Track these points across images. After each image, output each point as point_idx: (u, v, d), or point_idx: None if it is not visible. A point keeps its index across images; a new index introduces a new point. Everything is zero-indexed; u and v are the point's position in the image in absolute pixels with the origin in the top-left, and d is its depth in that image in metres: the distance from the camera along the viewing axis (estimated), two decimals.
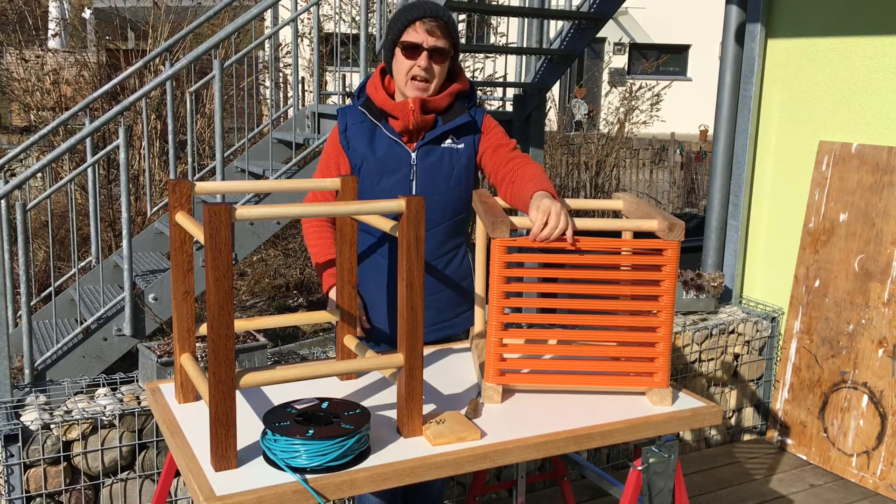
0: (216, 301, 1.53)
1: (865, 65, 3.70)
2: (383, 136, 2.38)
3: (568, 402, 2.01)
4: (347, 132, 2.42)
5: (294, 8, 4.94)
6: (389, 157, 2.37)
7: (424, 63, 2.28)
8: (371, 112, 2.39)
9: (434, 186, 2.36)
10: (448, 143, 2.38)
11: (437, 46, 2.28)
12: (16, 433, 2.58)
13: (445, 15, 2.31)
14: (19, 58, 8.76)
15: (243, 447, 1.72)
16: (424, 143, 2.36)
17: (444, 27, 2.29)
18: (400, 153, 2.37)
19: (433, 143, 2.37)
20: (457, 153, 2.38)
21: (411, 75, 2.30)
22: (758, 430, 4.15)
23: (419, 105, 2.31)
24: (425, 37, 2.27)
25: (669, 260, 1.93)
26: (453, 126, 2.37)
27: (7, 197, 3.52)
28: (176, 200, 1.85)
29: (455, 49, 2.35)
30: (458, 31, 2.36)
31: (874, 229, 3.63)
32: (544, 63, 5.11)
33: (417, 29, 2.28)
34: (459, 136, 2.40)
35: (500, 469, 3.40)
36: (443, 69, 2.32)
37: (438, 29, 2.28)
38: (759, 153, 4.16)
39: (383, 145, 2.37)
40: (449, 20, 2.32)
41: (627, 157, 11.07)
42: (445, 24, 2.30)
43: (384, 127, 2.38)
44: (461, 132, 2.40)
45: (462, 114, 2.38)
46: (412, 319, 1.72)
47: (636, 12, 22.13)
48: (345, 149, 2.42)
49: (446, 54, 2.32)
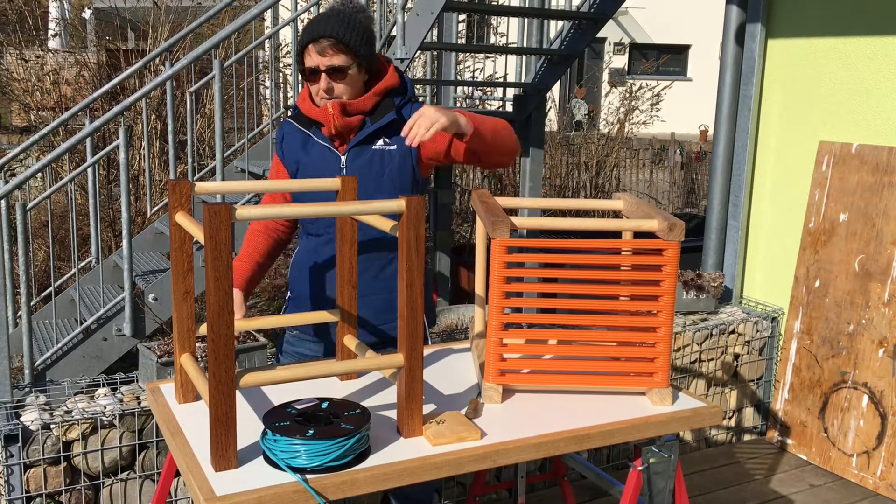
0: (216, 301, 1.53)
1: (866, 65, 3.70)
2: (315, 143, 2.40)
3: (568, 402, 2.01)
4: (283, 143, 2.45)
5: (294, 8, 4.94)
6: (320, 163, 2.38)
7: (325, 84, 2.28)
8: (301, 122, 2.42)
9: (364, 188, 2.34)
10: (380, 143, 2.36)
11: (333, 65, 2.27)
12: (16, 433, 2.58)
13: (335, 31, 2.26)
14: (19, 58, 8.76)
15: (243, 447, 1.72)
16: (353, 146, 2.35)
17: (335, 44, 2.25)
18: (330, 157, 2.37)
19: (362, 144, 2.35)
20: (389, 154, 2.36)
21: (319, 96, 2.33)
22: (758, 431, 4.14)
23: (339, 109, 2.30)
24: (318, 59, 2.27)
25: (669, 260, 1.93)
26: (380, 126, 2.34)
27: (7, 197, 3.52)
28: (176, 200, 1.86)
29: (359, 56, 2.30)
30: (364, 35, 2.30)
31: (874, 229, 3.62)
32: (544, 63, 5.11)
33: (311, 53, 2.28)
34: (392, 136, 2.37)
35: (500, 469, 3.40)
36: (349, 83, 2.30)
37: (331, 47, 2.25)
38: (760, 153, 4.16)
39: (315, 151, 2.39)
40: (339, 34, 2.26)
41: (627, 157, 11.07)
42: (337, 40, 2.25)
43: (315, 134, 2.40)
44: (394, 132, 2.37)
45: (389, 112, 2.34)
46: (412, 319, 1.72)
47: (636, 12, 22.13)
48: (282, 160, 2.45)
49: (345, 70, 2.28)
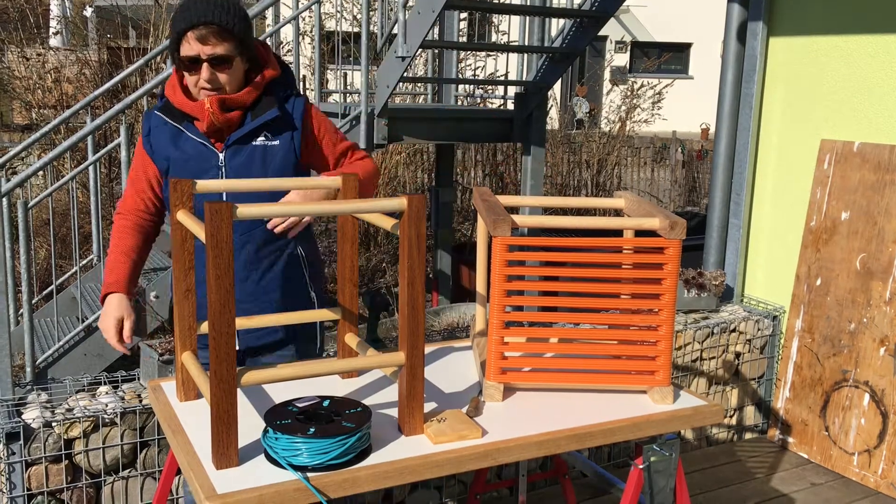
0: (217, 299, 1.53)
1: (867, 63, 3.70)
2: (188, 139, 2.23)
3: (569, 400, 2.01)
4: (150, 136, 2.26)
5: (295, 6, 4.94)
6: (195, 160, 2.22)
7: (207, 75, 2.11)
8: (171, 115, 2.23)
9: None
10: (261, 140, 2.21)
11: (216, 54, 2.09)
12: (17, 431, 2.58)
13: (217, 16, 2.08)
14: (21, 56, 8.76)
15: (245, 445, 1.72)
16: (232, 143, 2.20)
17: (218, 31, 2.08)
18: (206, 154, 2.21)
19: (242, 141, 2.21)
20: (271, 150, 2.22)
21: (199, 87, 2.15)
22: (759, 429, 4.14)
23: (217, 104, 2.14)
24: (200, 47, 2.08)
25: (671, 258, 1.93)
26: (262, 122, 2.20)
27: (9, 195, 3.52)
28: (177, 199, 1.86)
29: (243, 44, 2.14)
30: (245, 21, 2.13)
31: (876, 228, 3.62)
32: (546, 61, 5.10)
33: (190, 40, 2.09)
34: (274, 132, 2.23)
35: (501, 467, 3.40)
36: (231, 73, 2.15)
37: (213, 35, 2.07)
38: (761, 151, 4.16)
39: (189, 148, 2.22)
40: (223, 20, 2.08)
41: (629, 155, 11.06)
42: (220, 26, 2.07)
43: (188, 129, 2.22)
44: (276, 127, 2.23)
45: (271, 108, 2.21)
46: (413, 318, 1.72)
47: (638, 10, 22.10)
48: (149, 154, 2.27)
49: (229, 59, 2.12)
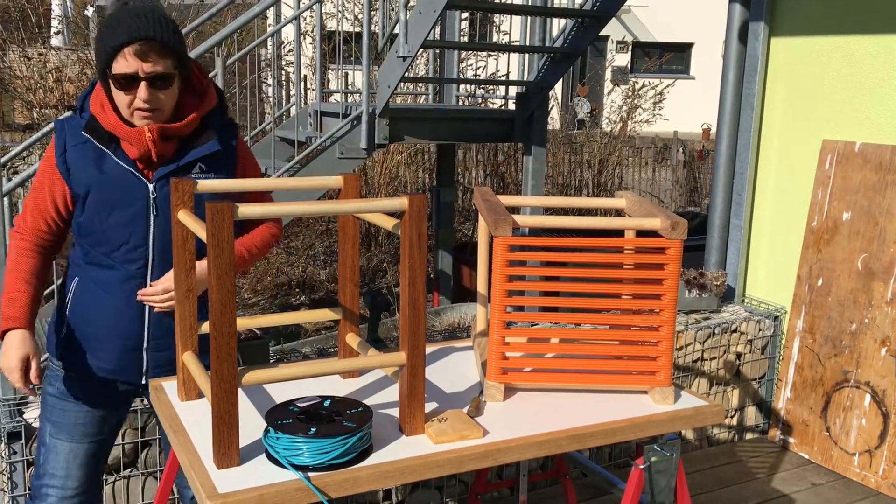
0: (218, 299, 1.53)
1: (869, 63, 3.69)
2: (113, 164, 1.99)
3: (570, 400, 2.01)
4: (67, 155, 2.00)
5: (296, 6, 4.94)
6: (121, 187, 1.99)
7: (145, 95, 1.90)
8: (98, 136, 1.99)
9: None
10: (195, 171, 2.03)
11: (157, 72, 1.90)
12: (19, 430, 2.58)
13: (159, 32, 1.89)
14: (22, 55, 8.77)
15: (246, 445, 1.72)
16: (166, 174, 2.00)
17: (159, 47, 1.89)
18: (134, 183, 1.98)
19: (175, 172, 2.01)
20: None
21: (133, 108, 1.93)
22: (760, 429, 4.14)
23: (158, 133, 1.95)
24: (139, 64, 1.88)
25: (672, 258, 1.93)
26: (202, 156, 2.02)
27: (10, 195, 3.52)
28: (178, 198, 1.86)
29: (182, 63, 1.96)
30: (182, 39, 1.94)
31: (877, 228, 3.62)
32: (547, 61, 5.10)
33: (127, 56, 1.87)
34: (210, 165, 2.05)
35: (502, 467, 3.40)
36: (170, 94, 1.95)
37: (153, 51, 1.88)
38: (762, 152, 4.15)
39: (115, 174, 1.99)
40: (164, 36, 1.90)
41: (630, 155, 11.06)
42: (162, 43, 1.89)
43: (115, 152, 1.99)
44: (213, 159, 2.06)
45: (212, 140, 2.04)
46: (415, 317, 1.72)
47: (639, 10, 22.10)
48: (64, 176, 2.00)
49: (170, 78, 1.93)
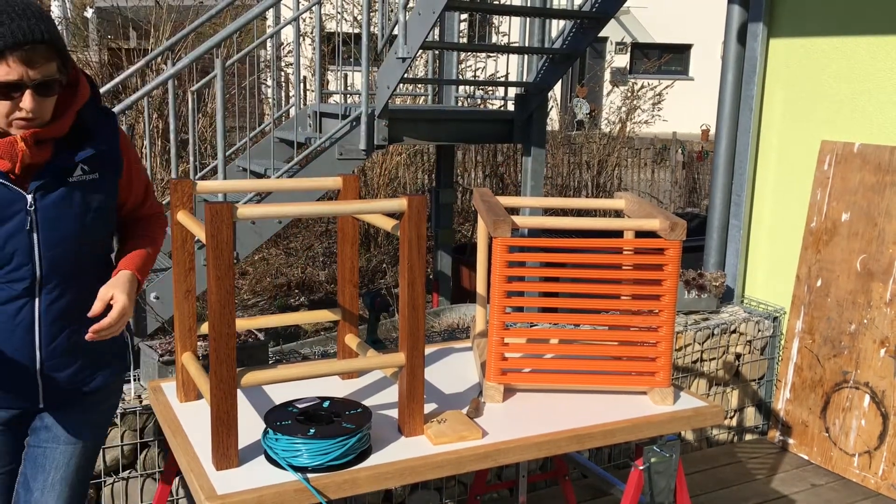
0: (217, 300, 1.53)
1: (868, 64, 3.70)
2: None
3: (569, 401, 2.01)
4: None
5: (296, 7, 4.94)
6: None
7: (30, 104, 1.70)
8: None
9: (64, 232, 1.82)
10: (77, 174, 1.84)
11: (46, 78, 1.70)
12: None
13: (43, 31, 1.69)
14: None
15: (245, 446, 1.72)
16: (43, 183, 1.80)
17: (46, 50, 1.69)
18: (10, 197, 1.78)
19: (54, 178, 1.81)
20: (92, 185, 1.86)
21: (13, 118, 1.73)
22: (759, 430, 4.14)
23: (33, 140, 1.75)
24: (23, 70, 1.67)
25: (671, 259, 1.93)
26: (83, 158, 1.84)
27: None
28: (178, 199, 1.86)
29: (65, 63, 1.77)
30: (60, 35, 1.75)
31: (876, 229, 3.62)
32: (546, 62, 5.10)
33: (10, 62, 1.66)
34: (92, 164, 1.87)
35: (501, 468, 3.39)
36: (54, 97, 1.77)
37: (41, 56, 1.68)
38: (761, 153, 4.16)
39: None
40: (51, 36, 1.70)
41: (629, 156, 11.06)
42: (49, 43, 1.69)
43: None
44: (96, 158, 1.88)
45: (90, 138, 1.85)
46: (414, 318, 1.72)
47: (638, 12, 22.11)
48: None
49: (55, 83, 1.74)
